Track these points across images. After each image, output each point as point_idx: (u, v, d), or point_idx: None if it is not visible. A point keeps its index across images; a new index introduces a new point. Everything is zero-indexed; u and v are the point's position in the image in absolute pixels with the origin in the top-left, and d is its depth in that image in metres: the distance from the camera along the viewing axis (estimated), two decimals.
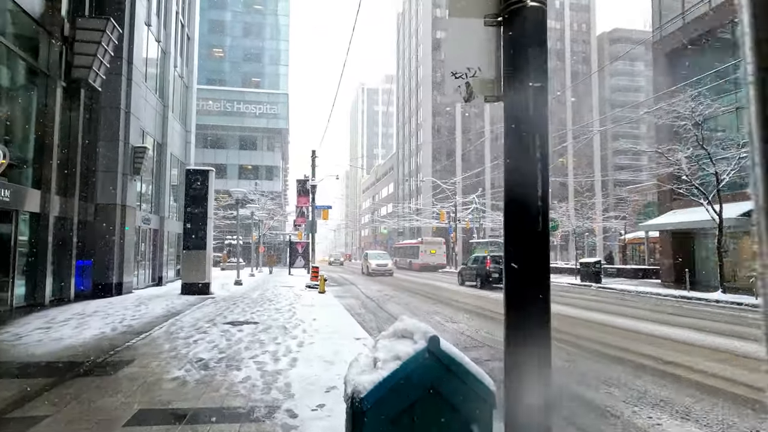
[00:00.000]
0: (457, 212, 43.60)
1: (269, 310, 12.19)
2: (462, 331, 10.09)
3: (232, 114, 60.45)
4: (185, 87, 25.17)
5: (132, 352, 7.22)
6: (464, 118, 70.84)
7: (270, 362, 6.51)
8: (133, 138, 16.42)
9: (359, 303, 15.81)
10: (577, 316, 12.50)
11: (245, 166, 61.78)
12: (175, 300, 14.56)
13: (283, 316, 11.22)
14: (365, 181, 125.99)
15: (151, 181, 20.24)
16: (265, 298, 15.61)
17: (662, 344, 8.73)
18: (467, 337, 9.51)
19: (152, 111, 19.52)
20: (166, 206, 21.27)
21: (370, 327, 10.66)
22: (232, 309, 12.48)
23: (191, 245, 16.58)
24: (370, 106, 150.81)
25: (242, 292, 17.75)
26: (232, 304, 13.56)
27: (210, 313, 11.69)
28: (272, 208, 46.23)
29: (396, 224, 68.90)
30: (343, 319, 11.02)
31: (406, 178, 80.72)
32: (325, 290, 17.82)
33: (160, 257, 20.54)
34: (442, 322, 11.44)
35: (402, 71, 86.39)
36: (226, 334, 8.61)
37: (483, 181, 64.59)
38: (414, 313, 13.13)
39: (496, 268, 20.98)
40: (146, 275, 19.37)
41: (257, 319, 10.57)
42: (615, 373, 6.62)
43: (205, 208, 16.73)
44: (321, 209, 28.00)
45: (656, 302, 16.54)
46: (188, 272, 16.53)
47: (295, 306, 13.27)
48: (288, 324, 9.93)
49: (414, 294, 19.10)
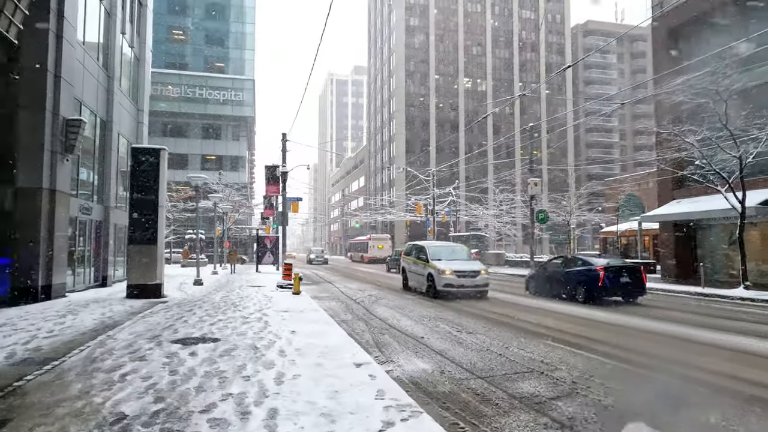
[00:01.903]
0: (435, 205, 41.52)
1: (234, 320, 9.66)
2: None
3: (194, 100, 56.59)
4: (136, 59, 22.05)
5: (13, 401, 4.65)
6: (438, 109, 68.95)
7: (234, 421, 4.08)
8: (65, 109, 13.48)
9: (343, 306, 13.40)
10: (614, 322, 10.45)
11: (208, 156, 58.07)
12: (115, 306, 11.81)
13: (252, 328, 8.73)
14: (334, 175, 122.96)
15: (94, 164, 17.24)
16: (230, 301, 13.01)
17: (736, 358, 6.82)
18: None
19: (93, 81, 16.51)
20: (113, 195, 18.29)
21: (366, 342, 8.31)
22: (186, 318, 9.89)
23: (138, 239, 13.79)
24: (340, 98, 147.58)
25: (202, 295, 15.07)
26: (188, 311, 10.94)
27: (157, 325, 9.07)
28: (238, 199, 43.02)
29: (369, 217, 66.51)
30: (329, 331, 8.62)
31: (378, 171, 78.37)
32: (300, 291, 15.33)
33: (104, 254, 17.57)
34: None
35: (373, 60, 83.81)
36: (172, 362, 6.09)
37: (458, 173, 62.87)
38: (419, 321, 10.84)
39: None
40: (87, 275, 16.41)
41: (218, 334, 8.06)
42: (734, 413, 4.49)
43: (155, 195, 13.95)
44: (291, 201, 25.39)
45: (679, 302, 14.76)
46: (135, 271, 13.75)
47: (267, 313, 10.77)
48: (259, 341, 7.47)
49: (403, 296, 16.81)
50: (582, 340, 8.41)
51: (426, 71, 69.28)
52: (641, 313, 11.89)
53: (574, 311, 12.06)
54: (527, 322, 10.45)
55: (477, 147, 66.03)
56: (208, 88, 57.07)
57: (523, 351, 7.51)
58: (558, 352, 7.42)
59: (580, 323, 10.30)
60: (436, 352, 7.49)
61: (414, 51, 69.11)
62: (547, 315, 11.51)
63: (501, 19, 72.62)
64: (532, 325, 9.98)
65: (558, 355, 7.15)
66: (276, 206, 32.26)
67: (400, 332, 9.25)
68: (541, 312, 12.03)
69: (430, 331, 9.27)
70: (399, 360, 7.04)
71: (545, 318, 10.99)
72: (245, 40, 61.42)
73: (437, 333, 9.11)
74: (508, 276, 27.49)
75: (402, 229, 64.97)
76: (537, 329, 9.50)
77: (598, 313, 11.68)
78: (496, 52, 71.84)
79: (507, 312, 11.93)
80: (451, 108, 69.35)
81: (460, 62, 70.18)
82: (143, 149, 14.25)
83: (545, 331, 9.18)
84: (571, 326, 9.84)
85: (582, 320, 10.73)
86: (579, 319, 10.92)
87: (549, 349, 7.63)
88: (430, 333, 9.12)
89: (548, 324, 10.11)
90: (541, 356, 7.10)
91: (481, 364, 6.67)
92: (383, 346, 8.04)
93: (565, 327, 9.73)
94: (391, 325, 10.15)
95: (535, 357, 7.07)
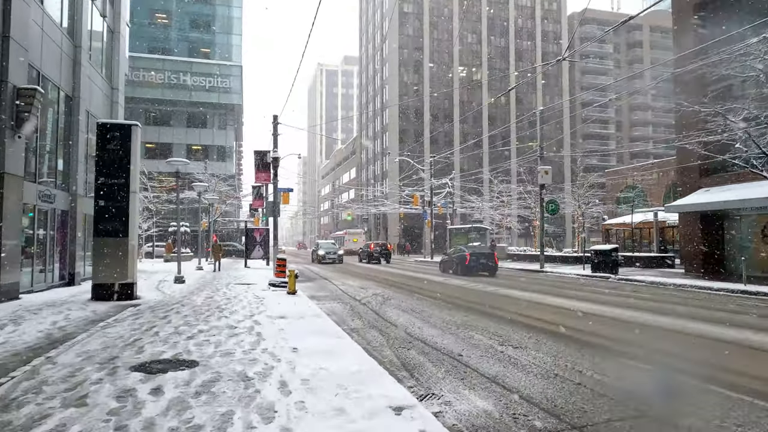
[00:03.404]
0: (432, 196, 39.72)
1: (219, 331, 7.70)
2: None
3: (178, 87, 53.87)
4: (110, 32, 19.77)
5: None
6: (432, 98, 66.98)
7: None
8: (16, 76, 11.33)
9: (348, 309, 11.47)
10: (652, 324, 8.65)
11: (194, 146, 55.39)
12: (74, 312, 9.77)
13: (241, 343, 6.78)
14: (324, 167, 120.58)
15: (57, 145, 15.06)
16: (214, 304, 11.02)
17: None
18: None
19: (55, 49, 14.31)
20: (82, 181, 16.13)
21: (390, 361, 6.41)
22: (159, 328, 7.91)
23: (106, 230, 11.71)
24: (330, 89, 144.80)
25: (183, 295, 13.05)
26: (163, 318, 8.95)
27: (119, 339, 7.09)
28: (225, 190, 40.74)
29: (362, 209, 64.57)
30: (341, 346, 6.71)
31: (370, 162, 76.28)
32: (296, 290, 13.36)
33: (71, 248, 15.44)
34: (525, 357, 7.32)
35: (365, 48, 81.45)
36: (124, 410, 4.13)
37: (453, 164, 61.04)
38: (437, 325, 8.95)
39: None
40: (49, 272, 14.28)
41: (196, 354, 6.10)
42: None
43: (126, 179, 11.87)
44: (282, 192, 23.36)
45: (720, 301, 13.05)
46: (102, 269, 11.68)
47: (260, 320, 8.82)
48: (251, 366, 5.53)
49: (411, 292, 14.93)
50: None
51: (420, 59, 67.19)
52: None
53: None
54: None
55: (472, 137, 64.23)
56: (193, 74, 54.39)
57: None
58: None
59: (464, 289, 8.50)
60: (488, 379, 5.62)
61: (407, 39, 66.93)
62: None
63: (497, 7, 70.68)
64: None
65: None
66: (266, 196, 30.19)
67: (428, 345, 7.36)
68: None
69: (464, 345, 7.40)
70: (443, 392, 5.16)
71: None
72: (232, 24, 58.79)
73: (474, 346, 7.25)
74: (523, 272, 25.70)
75: (395, 222, 63.14)
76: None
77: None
78: (491, 40, 69.92)
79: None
80: (445, 97, 67.39)
81: (455, 50, 68.18)
82: (110, 125, 12.14)
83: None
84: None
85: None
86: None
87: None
88: (465, 347, 7.24)
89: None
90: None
91: (561, 400, 4.81)
92: (414, 368, 6.15)
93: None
94: (413, 334, 8.26)
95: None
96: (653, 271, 21.63)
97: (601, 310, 11.00)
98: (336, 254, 34.25)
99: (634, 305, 11.72)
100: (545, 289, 15.64)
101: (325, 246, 36.12)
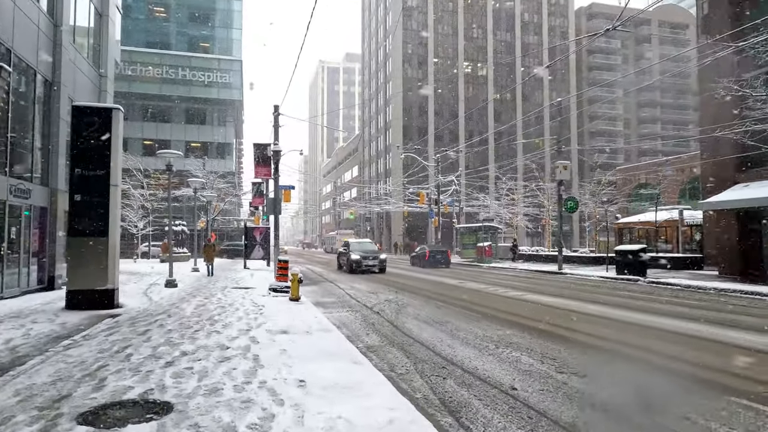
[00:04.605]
0: (440, 193, 38.20)
1: (207, 353, 6.22)
2: None
3: (176, 82, 52.37)
4: (98, 14, 18.28)
5: None
6: (437, 94, 65.43)
7: None
8: None
9: (360, 320, 9.96)
10: (726, 340, 7.12)
11: (193, 143, 53.82)
12: (39, 324, 8.30)
13: (233, 374, 5.29)
14: (326, 165, 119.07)
15: (33, 135, 13.58)
16: (206, 314, 9.54)
17: None
18: None
19: (29, 26, 12.83)
20: (62, 175, 14.62)
21: (425, 397, 4.93)
22: (133, 349, 6.43)
23: (82, 229, 10.23)
24: (331, 86, 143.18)
25: (172, 302, 11.56)
26: (141, 334, 7.47)
27: (78, 366, 5.60)
28: (223, 187, 39.21)
29: (365, 208, 63.08)
30: (359, 377, 5.22)
31: (372, 160, 74.76)
32: (299, 296, 11.88)
33: (51, 248, 13.96)
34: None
35: (368, 43, 79.89)
36: None
37: (458, 162, 59.42)
38: (468, 341, 7.45)
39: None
40: (24, 276, 12.80)
41: (172, 393, 4.61)
42: None
43: (106, 170, 10.38)
44: (283, 189, 21.86)
45: None
46: (78, 273, 10.19)
47: (258, 336, 7.33)
48: (244, 414, 4.04)
49: (428, 298, 13.43)
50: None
51: (425, 54, 65.60)
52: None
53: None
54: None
55: (477, 134, 62.66)
56: (192, 68, 52.84)
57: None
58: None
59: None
60: (566, 430, 4.13)
61: (411, 33, 65.34)
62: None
63: (502, 0, 69.08)
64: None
65: None
66: (266, 194, 28.72)
67: (467, 372, 5.87)
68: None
69: (514, 370, 5.91)
70: None
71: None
72: (232, 18, 57.26)
73: (525, 372, 5.76)
74: (541, 274, 24.19)
75: (399, 221, 61.61)
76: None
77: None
78: (497, 35, 68.32)
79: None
80: (450, 93, 65.80)
81: (459, 45, 66.59)
82: (88, 108, 10.64)
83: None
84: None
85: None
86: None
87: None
88: (514, 373, 5.75)
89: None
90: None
91: None
92: (459, 410, 4.66)
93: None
94: (443, 354, 6.77)
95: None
96: (682, 273, 20.11)
97: (659, 322, 9.47)
98: (378, 259, 23.03)
99: (689, 315, 10.20)
100: (575, 294, 14.14)
101: (360, 247, 24.50)
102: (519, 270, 25.33)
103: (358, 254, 23.18)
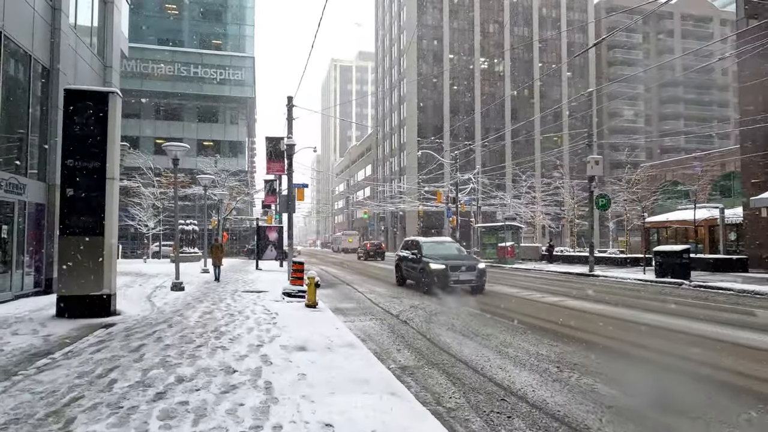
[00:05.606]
0: (458, 191, 36.78)
1: (208, 381, 5.02)
2: None
3: (188, 79, 51.56)
4: (102, 1, 17.28)
5: None
6: (452, 91, 63.98)
7: None
8: None
9: (387, 331, 8.70)
10: None
11: (205, 141, 53.02)
12: (19, 337, 7.18)
13: (238, 414, 4.07)
14: (338, 164, 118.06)
15: (28, 126, 12.55)
16: (212, 324, 8.37)
17: None
18: None
19: (24, 7, 11.80)
20: (59, 170, 13.58)
21: None
22: (120, 374, 5.26)
23: (75, 228, 9.13)
24: (344, 86, 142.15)
25: (176, 309, 10.43)
26: (134, 351, 6.30)
27: (44, 399, 4.44)
28: (235, 185, 38.19)
29: (379, 207, 61.87)
30: (402, 416, 3.98)
31: (386, 158, 73.50)
32: (316, 302, 10.67)
33: (48, 249, 12.93)
34: None
35: (381, 40, 78.64)
36: None
37: (474, 160, 57.89)
38: (524, 363, 6.17)
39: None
40: (17, 279, 11.77)
41: None
42: None
43: (101, 161, 9.28)
44: (296, 188, 20.72)
45: None
46: (70, 277, 9.08)
47: (270, 355, 6.12)
48: None
49: (458, 305, 12.13)
50: None
51: (440, 50, 64.17)
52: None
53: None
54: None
55: (494, 132, 61.06)
56: (204, 66, 52.02)
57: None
58: None
59: None
60: None
61: (426, 29, 63.94)
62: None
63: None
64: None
65: None
66: (279, 192, 27.66)
67: (535, 407, 4.60)
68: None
69: (592, 405, 4.62)
70: None
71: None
72: (245, 15, 56.35)
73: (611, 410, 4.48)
74: (572, 276, 22.73)
75: (414, 220, 60.26)
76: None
77: None
78: (514, 30, 66.64)
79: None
80: (466, 89, 64.28)
81: (475, 41, 65.04)
82: (81, 92, 9.52)
83: None
84: None
85: None
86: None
87: None
88: (599, 410, 4.47)
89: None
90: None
91: None
92: None
93: None
94: (498, 382, 5.50)
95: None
96: (727, 276, 18.56)
97: (744, 337, 8.11)
98: (475, 270, 14.33)
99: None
100: (620, 300, 12.77)
101: (441, 251, 15.35)
102: (546, 272, 23.93)
103: (440, 263, 14.21)
